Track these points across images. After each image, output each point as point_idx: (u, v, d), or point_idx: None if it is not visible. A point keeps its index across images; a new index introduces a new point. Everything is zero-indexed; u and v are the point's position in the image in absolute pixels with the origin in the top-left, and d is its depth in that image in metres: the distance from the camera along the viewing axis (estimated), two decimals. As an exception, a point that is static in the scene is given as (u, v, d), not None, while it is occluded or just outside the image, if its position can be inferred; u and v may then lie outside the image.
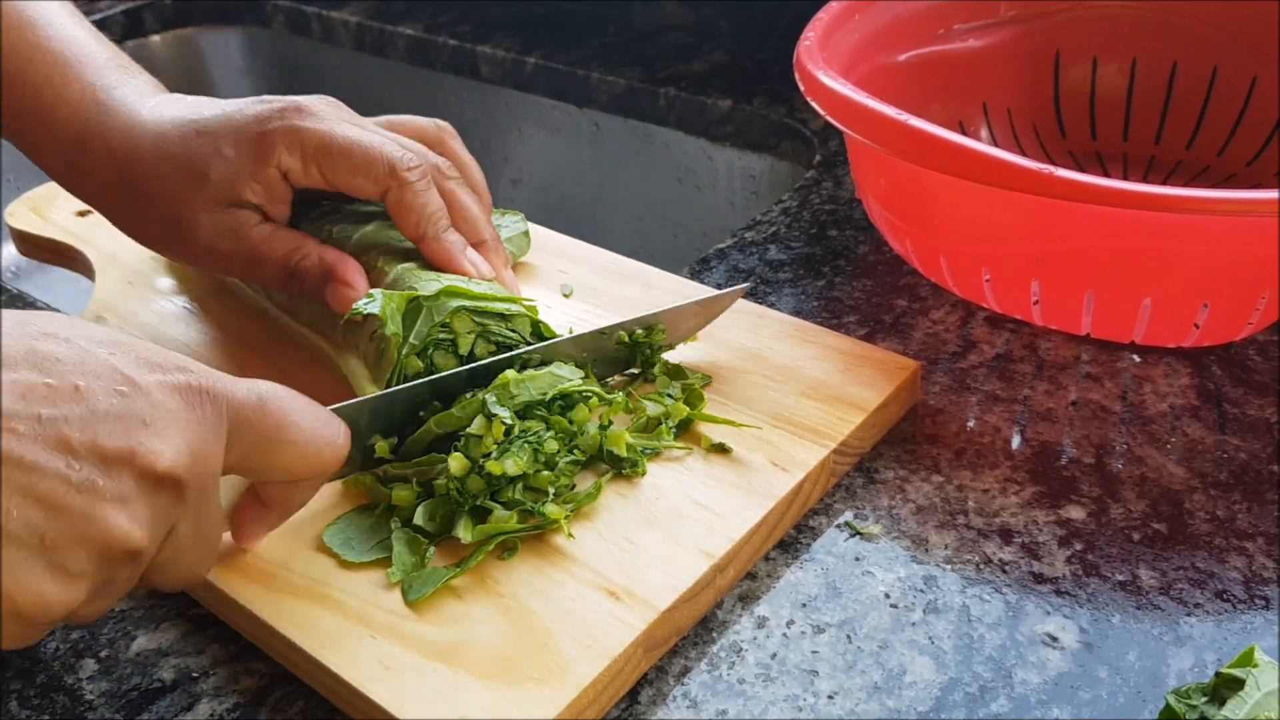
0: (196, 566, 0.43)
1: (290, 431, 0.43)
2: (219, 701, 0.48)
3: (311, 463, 0.44)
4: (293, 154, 0.59)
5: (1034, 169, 0.56)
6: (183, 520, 0.40)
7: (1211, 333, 0.63)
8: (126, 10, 1.35)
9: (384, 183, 0.59)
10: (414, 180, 0.59)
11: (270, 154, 0.59)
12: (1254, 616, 0.49)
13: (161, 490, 0.38)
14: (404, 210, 0.59)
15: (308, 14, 1.34)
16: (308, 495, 0.47)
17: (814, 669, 0.48)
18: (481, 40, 1.19)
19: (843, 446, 0.57)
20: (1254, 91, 0.78)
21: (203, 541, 0.42)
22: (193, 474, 0.39)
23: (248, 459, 0.42)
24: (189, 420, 0.39)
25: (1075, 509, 0.56)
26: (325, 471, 0.45)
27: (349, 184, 0.60)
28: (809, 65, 0.67)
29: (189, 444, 0.39)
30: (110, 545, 0.37)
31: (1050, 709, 0.46)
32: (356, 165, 0.59)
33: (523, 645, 0.47)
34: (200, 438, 0.39)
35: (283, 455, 0.43)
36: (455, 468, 0.51)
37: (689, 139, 1.05)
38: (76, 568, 0.37)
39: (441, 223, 0.60)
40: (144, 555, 0.39)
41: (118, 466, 0.37)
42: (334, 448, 0.45)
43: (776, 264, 0.76)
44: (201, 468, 0.40)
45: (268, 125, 0.59)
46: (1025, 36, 0.84)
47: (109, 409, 0.37)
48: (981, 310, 0.70)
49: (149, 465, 0.37)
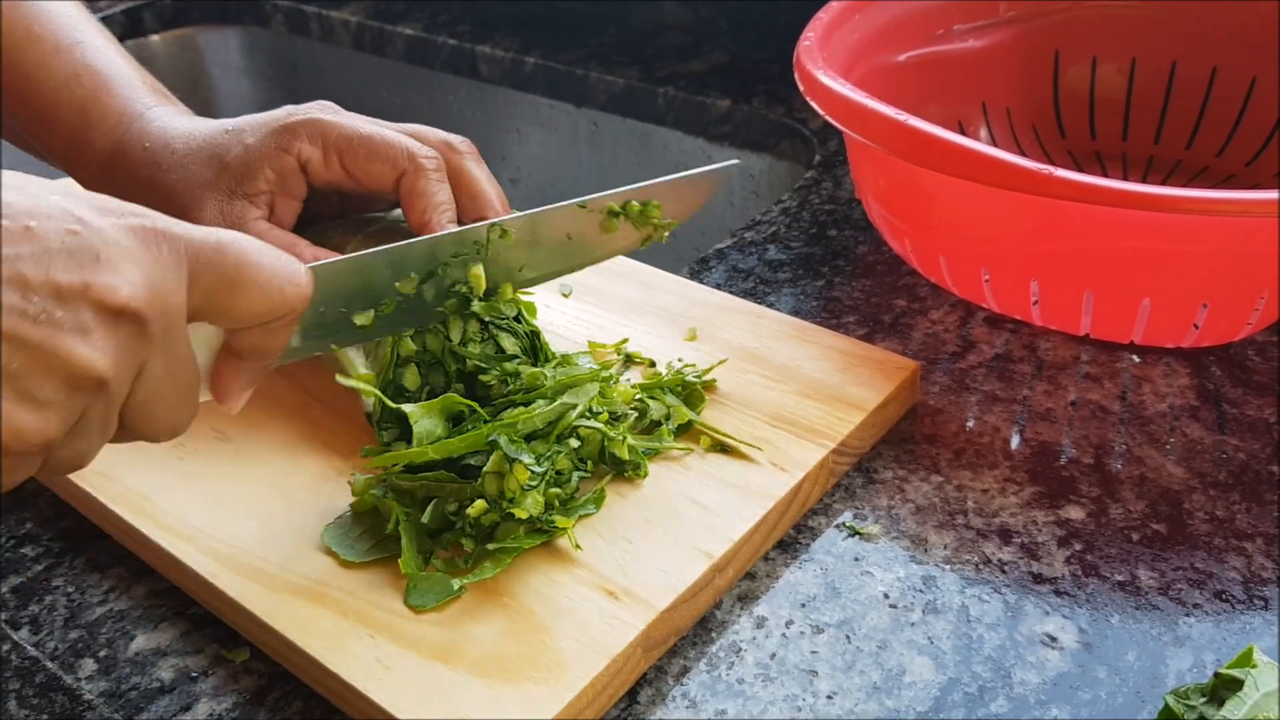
0: (175, 413, 0.43)
1: (250, 270, 0.43)
2: (218, 701, 0.48)
3: (275, 301, 0.44)
4: (314, 144, 0.61)
5: (1033, 169, 0.56)
6: (152, 358, 0.41)
7: (1210, 333, 0.64)
8: (126, 10, 1.35)
9: (401, 166, 0.61)
10: (430, 168, 0.61)
11: (291, 142, 0.61)
12: (1253, 617, 0.49)
13: (122, 323, 0.39)
14: (414, 195, 0.61)
15: (307, 13, 1.34)
16: (279, 341, 0.47)
17: (813, 669, 0.48)
18: (480, 40, 1.19)
19: (842, 446, 0.57)
20: (1253, 92, 0.78)
21: (176, 384, 0.42)
22: (153, 308, 0.40)
23: (210, 301, 0.43)
24: (145, 257, 0.40)
25: (1074, 509, 0.56)
26: (290, 310, 0.45)
27: (367, 170, 0.61)
28: (808, 65, 0.67)
29: (146, 278, 0.39)
30: (74, 373, 0.38)
31: (1049, 709, 0.46)
32: (376, 151, 0.61)
33: (522, 645, 0.47)
34: (158, 274, 0.40)
35: (245, 294, 0.43)
36: (474, 511, 0.50)
37: (688, 139, 1.05)
38: (44, 396, 0.37)
39: (447, 214, 0.61)
40: (112, 387, 0.39)
41: (73, 300, 0.38)
42: (295, 285, 0.45)
43: (776, 264, 0.76)
44: (161, 303, 0.40)
45: (291, 119, 0.61)
46: (1024, 36, 0.84)
47: (61, 246, 0.38)
48: (981, 310, 0.70)
49: (104, 297, 0.38)
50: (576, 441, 0.54)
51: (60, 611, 0.53)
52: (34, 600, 0.54)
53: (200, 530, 0.53)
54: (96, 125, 0.64)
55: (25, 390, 0.37)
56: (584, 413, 0.54)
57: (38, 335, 0.37)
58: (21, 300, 0.37)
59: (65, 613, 0.53)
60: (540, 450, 0.52)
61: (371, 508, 0.53)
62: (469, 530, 0.51)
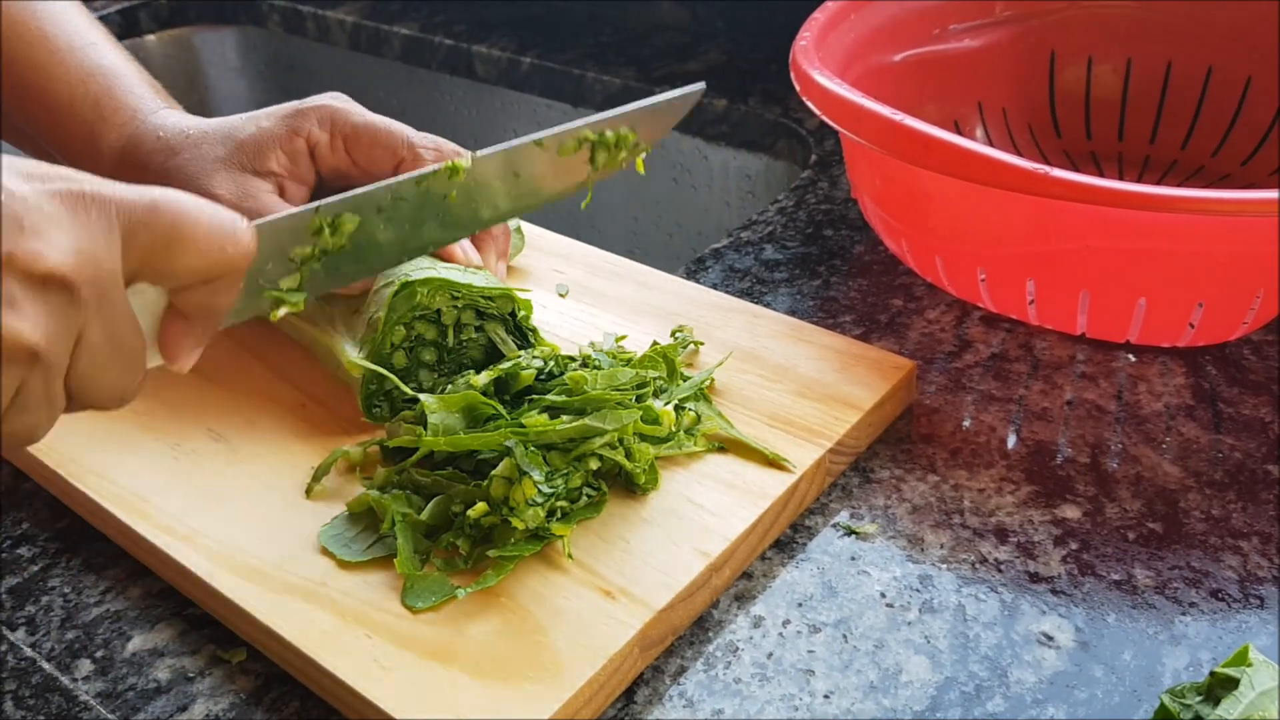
0: (121, 379, 0.43)
1: (187, 228, 0.42)
2: (214, 701, 0.48)
3: (216, 259, 0.43)
4: (323, 128, 0.63)
5: (1029, 169, 0.56)
6: (89, 325, 0.40)
7: (1206, 332, 0.64)
8: (122, 10, 1.34)
9: (399, 153, 0.62)
10: (427, 158, 0.62)
11: (301, 125, 0.62)
12: (1249, 615, 0.49)
13: (49, 291, 0.38)
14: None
15: (303, 13, 1.33)
16: (226, 300, 0.45)
17: (810, 668, 0.48)
18: (477, 40, 1.19)
19: (839, 446, 0.57)
20: (1248, 92, 0.78)
21: (120, 351, 0.42)
22: (83, 274, 0.39)
23: (148, 263, 0.42)
24: (72, 222, 0.39)
25: (1070, 508, 0.56)
26: (233, 268, 0.44)
27: (368, 156, 0.63)
28: (804, 65, 0.67)
29: (75, 244, 0.39)
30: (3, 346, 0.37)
31: (1046, 708, 0.46)
32: (378, 138, 0.63)
33: (518, 645, 0.47)
34: (87, 239, 0.39)
35: (183, 253, 0.42)
36: (475, 513, 0.50)
37: (684, 138, 1.05)
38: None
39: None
40: (47, 358, 0.39)
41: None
42: (236, 241, 0.43)
43: (772, 264, 0.76)
44: (93, 269, 0.39)
45: (303, 105, 0.64)
46: (1020, 36, 0.84)
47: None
48: (977, 310, 0.70)
49: (29, 266, 0.37)
50: (597, 462, 0.53)
51: (57, 612, 0.53)
52: (30, 601, 0.54)
53: (197, 530, 0.53)
54: (110, 120, 0.65)
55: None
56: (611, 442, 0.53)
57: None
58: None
59: (62, 613, 0.53)
60: (556, 463, 0.51)
61: (368, 508, 0.53)
62: (467, 530, 0.51)
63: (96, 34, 0.68)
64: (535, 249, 0.74)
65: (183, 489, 0.56)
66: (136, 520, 0.54)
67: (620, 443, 0.53)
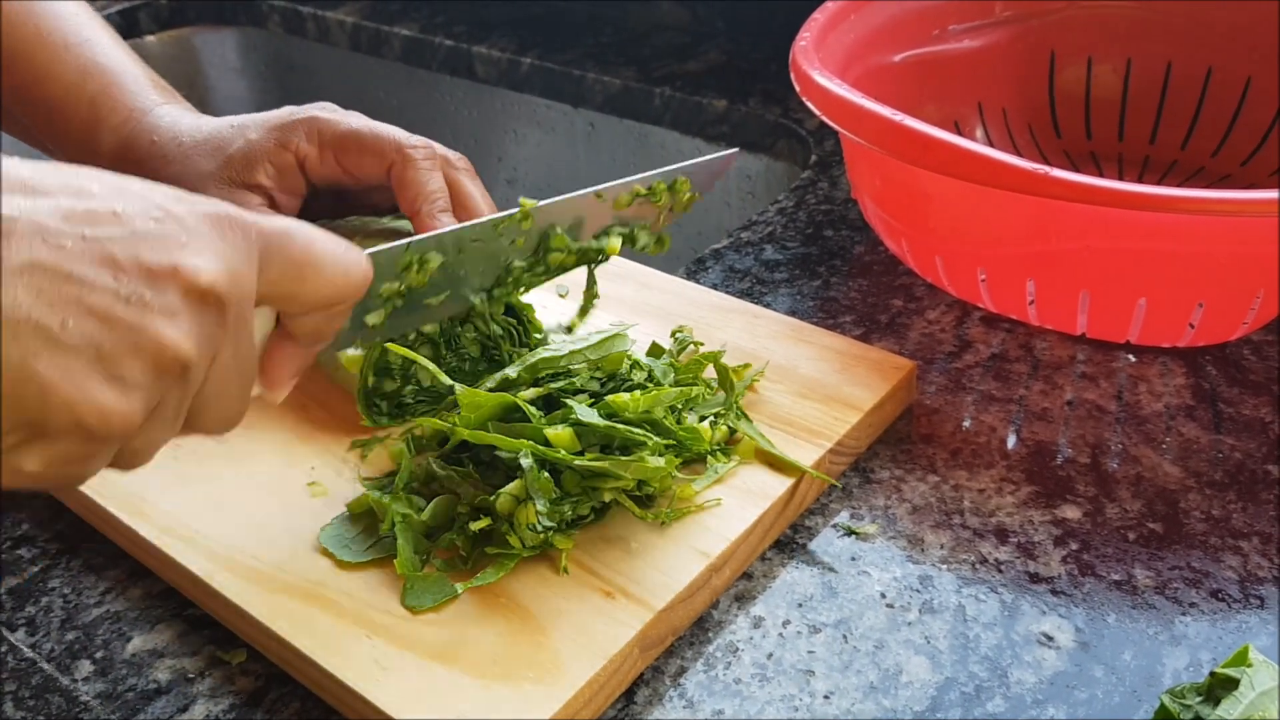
0: (235, 403, 0.44)
1: (317, 255, 0.44)
2: (215, 702, 0.48)
3: (339, 284, 0.45)
4: (311, 141, 0.62)
5: (1029, 169, 0.56)
6: (225, 345, 0.41)
7: (1206, 332, 0.64)
8: (122, 10, 1.34)
9: (389, 158, 0.62)
10: (418, 158, 0.62)
11: (289, 139, 0.62)
12: (1249, 616, 0.49)
13: (206, 307, 0.39)
14: (404, 185, 0.62)
15: (303, 14, 1.33)
16: (335, 326, 0.47)
17: (810, 669, 0.48)
18: (477, 40, 1.19)
19: (839, 446, 0.57)
20: (1248, 92, 0.78)
21: (241, 374, 0.43)
22: (232, 293, 0.40)
23: (279, 285, 0.43)
24: (221, 243, 0.40)
25: (1071, 509, 0.56)
26: (353, 294, 0.46)
27: (358, 164, 0.63)
28: (804, 65, 0.67)
29: (226, 263, 0.40)
30: (163, 355, 0.38)
31: (1046, 708, 0.46)
32: (366, 144, 0.62)
33: (519, 645, 0.47)
34: (235, 259, 0.40)
35: (312, 278, 0.44)
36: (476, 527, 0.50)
37: (684, 139, 1.05)
38: (132, 378, 0.37)
39: (438, 203, 0.62)
40: (193, 373, 0.40)
41: (163, 281, 0.38)
42: (360, 269, 0.46)
43: (772, 264, 0.76)
44: (239, 289, 0.41)
45: (292, 116, 0.63)
46: (1020, 37, 0.84)
47: (148, 230, 0.38)
48: (977, 310, 0.70)
49: (192, 280, 0.38)
50: (611, 495, 0.52)
51: (57, 613, 0.53)
52: (30, 602, 0.54)
53: (197, 531, 0.53)
54: (106, 120, 0.65)
55: (114, 372, 0.37)
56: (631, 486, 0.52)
57: (129, 316, 0.37)
58: (113, 281, 0.37)
59: (62, 614, 0.53)
60: (569, 486, 0.51)
61: (367, 508, 0.53)
62: (468, 531, 0.51)
63: (94, 30, 0.68)
64: (535, 249, 0.74)
65: (183, 490, 0.56)
66: (137, 521, 0.54)
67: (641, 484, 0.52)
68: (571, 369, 0.55)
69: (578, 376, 0.55)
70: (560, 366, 0.55)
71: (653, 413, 0.53)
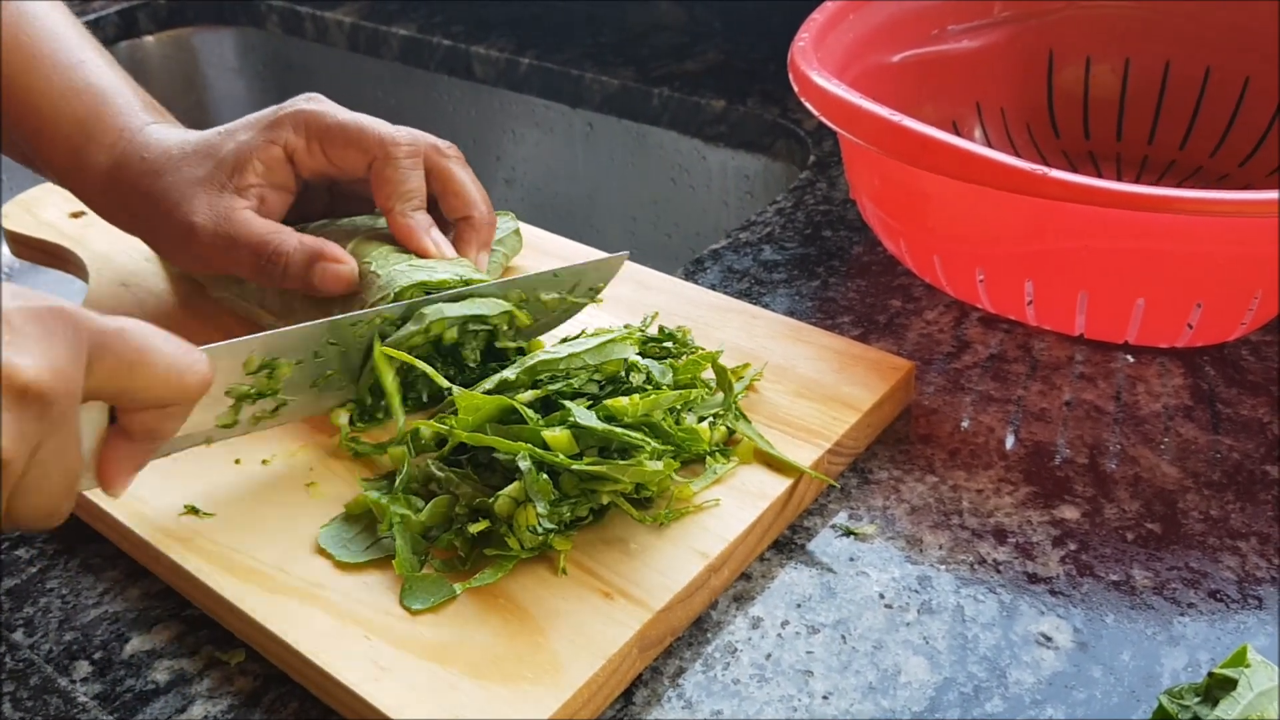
0: (57, 499, 0.44)
1: (150, 355, 0.44)
2: (213, 703, 0.48)
3: (173, 384, 0.45)
4: (299, 133, 0.63)
5: (1027, 169, 0.56)
6: (46, 440, 0.41)
7: (1205, 333, 0.64)
8: (121, 11, 1.34)
9: (371, 152, 0.62)
10: (399, 156, 0.62)
11: (278, 133, 0.63)
12: (1247, 616, 0.49)
13: (26, 404, 0.39)
14: (381, 182, 0.63)
15: (302, 14, 1.33)
16: (172, 426, 0.47)
17: (809, 669, 0.48)
18: (475, 40, 1.19)
19: (837, 447, 0.57)
20: (1246, 92, 0.78)
21: (64, 469, 0.43)
22: (55, 390, 0.40)
23: (110, 381, 0.43)
24: (48, 340, 0.40)
25: (1069, 509, 0.56)
26: (188, 395, 0.46)
27: (342, 157, 0.63)
28: (803, 65, 0.67)
29: (50, 360, 0.40)
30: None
31: (1044, 709, 0.46)
32: (350, 137, 0.63)
33: (517, 645, 0.47)
34: (60, 356, 0.41)
35: (144, 375, 0.44)
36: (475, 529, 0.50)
37: (683, 139, 1.05)
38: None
39: (412, 201, 0.63)
40: (10, 470, 0.40)
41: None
42: (195, 373, 0.46)
43: (771, 264, 0.76)
44: (64, 385, 0.41)
45: (279, 113, 0.64)
46: (1018, 36, 0.84)
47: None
48: (975, 310, 0.70)
49: (12, 377, 0.39)
50: (609, 498, 0.52)
51: (55, 614, 0.53)
52: (28, 602, 0.54)
53: (195, 532, 0.53)
54: (98, 140, 0.65)
55: None
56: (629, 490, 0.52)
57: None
58: None
59: (60, 615, 0.53)
60: (567, 488, 0.51)
61: (366, 509, 0.53)
62: (466, 533, 0.51)
63: (86, 51, 0.68)
64: (533, 249, 0.74)
65: (180, 490, 0.56)
66: (134, 521, 0.54)
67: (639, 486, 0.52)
68: (570, 371, 0.55)
69: (576, 379, 0.55)
70: (559, 369, 0.55)
71: (651, 415, 0.53)
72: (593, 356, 0.55)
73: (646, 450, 0.51)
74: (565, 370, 0.55)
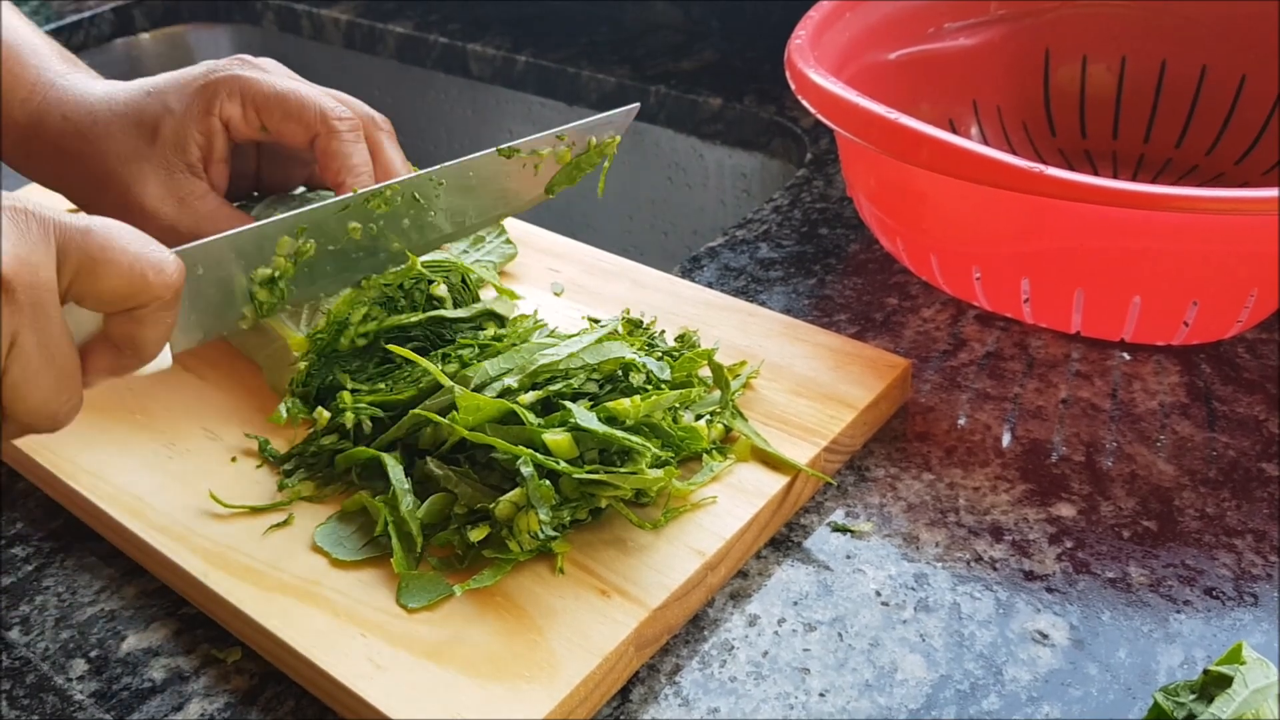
0: (54, 397, 0.44)
1: (114, 253, 0.44)
2: (209, 701, 0.48)
3: (137, 285, 0.45)
4: (233, 100, 0.61)
5: (1024, 167, 0.56)
6: (22, 331, 0.41)
7: (1201, 331, 0.64)
8: (116, 8, 1.34)
9: (314, 128, 0.61)
10: (342, 130, 0.61)
11: (213, 102, 0.61)
12: (1243, 613, 0.50)
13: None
14: (328, 157, 0.61)
15: (298, 11, 1.33)
16: (152, 333, 0.47)
17: (805, 667, 0.48)
18: (472, 38, 1.19)
19: (834, 444, 0.57)
20: (1242, 90, 0.78)
21: (53, 364, 0.43)
22: (20, 279, 0.41)
23: (77, 282, 0.44)
24: (14, 233, 0.41)
25: (1065, 506, 0.56)
26: (155, 297, 0.46)
27: (281, 129, 0.62)
28: (800, 63, 0.67)
29: (14, 251, 0.41)
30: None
31: (1040, 706, 0.46)
32: (290, 110, 0.61)
33: (514, 643, 0.47)
34: (26, 248, 0.41)
35: (108, 276, 0.44)
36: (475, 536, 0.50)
37: (679, 137, 1.05)
38: None
39: (362, 177, 0.62)
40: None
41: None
42: (160, 272, 0.45)
43: (767, 262, 0.76)
44: (30, 275, 0.41)
45: (211, 76, 0.61)
46: (1015, 35, 0.84)
47: None
48: (972, 308, 0.70)
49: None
50: (608, 502, 0.52)
51: (51, 612, 0.53)
52: (25, 600, 0.54)
53: (191, 529, 0.53)
54: (10, 97, 0.63)
55: None
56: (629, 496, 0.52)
57: None
58: None
59: (56, 613, 0.53)
60: (567, 490, 0.50)
61: (361, 507, 0.53)
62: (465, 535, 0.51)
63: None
64: (530, 248, 0.74)
65: (177, 488, 0.56)
66: (131, 519, 0.54)
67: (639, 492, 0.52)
68: (570, 372, 0.55)
69: (575, 379, 0.55)
70: (558, 370, 0.55)
71: (651, 416, 0.53)
72: (591, 356, 0.55)
73: (647, 456, 0.51)
74: (565, 370, 0.55)
